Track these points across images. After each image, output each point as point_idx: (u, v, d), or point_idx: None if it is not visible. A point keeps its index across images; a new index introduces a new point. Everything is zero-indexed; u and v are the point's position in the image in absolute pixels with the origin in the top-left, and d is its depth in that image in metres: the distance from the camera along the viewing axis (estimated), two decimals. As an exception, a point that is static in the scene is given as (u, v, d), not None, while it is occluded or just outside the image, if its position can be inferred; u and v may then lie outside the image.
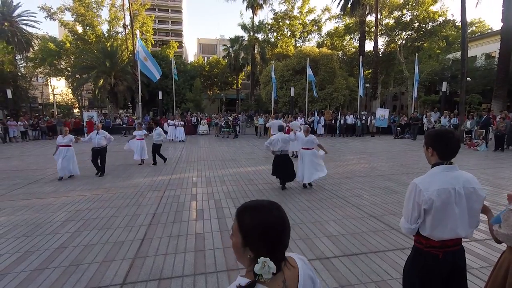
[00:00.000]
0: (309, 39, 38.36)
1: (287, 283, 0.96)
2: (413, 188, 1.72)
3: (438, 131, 1.79)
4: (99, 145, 8.24)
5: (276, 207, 0.99)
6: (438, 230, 1.67)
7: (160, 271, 3.25)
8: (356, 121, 19.21)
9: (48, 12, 33.17)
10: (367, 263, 3.33)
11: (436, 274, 1.73)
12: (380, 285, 2.89)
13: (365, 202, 5.61)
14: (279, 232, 0.95)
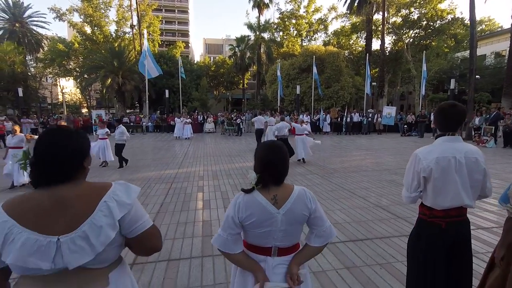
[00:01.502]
0: (315, 38, 38.32)
1: (278, 197, 1.36)
2: (413, 157, 1.77)
3: (441, 104, 1.83)
4: None
5: (277, 149, 1.40)
6: (439, 198, 1.71)
7: (168, 254, 3.32)
8: (363, 119, 19.13)
9: (58, 13, 33.73)
10: (373, 247, 3.36)
11: (439, 245, 1.76)
12: (386, 267, 2.92)
13: (371, 193, 5.62)
14: (272, 165, 1.36)
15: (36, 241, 0.94)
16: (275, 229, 1.34)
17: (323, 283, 2.68)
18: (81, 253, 0.97)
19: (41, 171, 1.03)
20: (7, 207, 0.98)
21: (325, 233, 1.41)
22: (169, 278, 2.81)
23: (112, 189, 1.07)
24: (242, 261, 1.39)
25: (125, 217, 1.05)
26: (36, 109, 37.07)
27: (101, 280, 1.05)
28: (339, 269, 2.91)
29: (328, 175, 7.28)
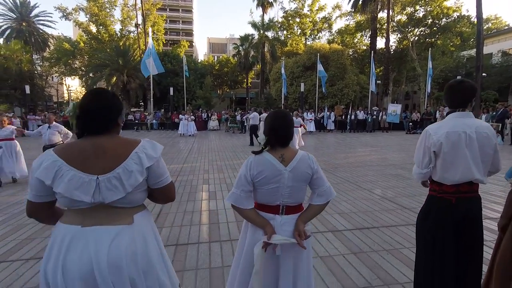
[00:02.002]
0: (319, 37, 38.16)
1: (284, 156, 1.54)
2: (423, 134, 1.79)
3: (449, 81, 1.84)
4: (50, 142, 6.24)
5: (282, 116, 1.61)
6: (450, 173, 1.71)
7: (176, 239, 3.36)
8: (367, 117, 19.05)
9: (64, 12, 34.02)
10: (379, 235, 3.36)
11: (448, 220, 1.76)
12: (392, 253, 2.92)
13: (377, 186, 5.61)
14: (280, 129, 1.57)
15: (80, 178, 1.16)
16: (283, 185, 1.51)
17: (330, 267, 2.69)
18: (115, 191, 1.19)
19: (85, 123, 1.25)
20: (57, 150, 1.21)
21: (326, 192, 1.58)
22: (178, 261, 2.85)
23: (142, 144, 1.29)
24: (253, 217, 1.55)
25: (151, 167, 1.27)
26: (42, 107, 37.45)
27: (127, 218, 1.25)
28: (346, 254, 2.92)
29: (333, 169, 7.28)
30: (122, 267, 1.16)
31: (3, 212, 4.44)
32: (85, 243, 1.15)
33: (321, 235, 3.38)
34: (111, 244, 1.16)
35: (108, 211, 1.22)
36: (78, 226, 1.18)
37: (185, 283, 2.50)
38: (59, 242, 1.17)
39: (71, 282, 1.12)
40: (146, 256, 1.24)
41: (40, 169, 1.16)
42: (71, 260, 1.13)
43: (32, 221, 3.99)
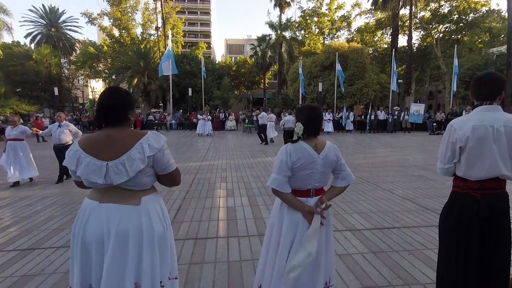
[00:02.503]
0: (337, 36, 37.60)
1: (317, 145, 1.73)
2: (448, 128, 1.73)
3: (477, 74, 1.78)
4: (60, 141, 6.19)
5: (317, 109, 1.82)
6: (475, 168, 1.65)
7: (195, 233, 3.44)
8: (388, 117, 18.56)
9: (89, 17, 35.48)
10: (400, 235, 3.29)
11: (474, 218, 1.70)
12: (414, 253, 2.85)
13: (398, 187, 5.47)
14: (314, 120, 1.75)
15: (94, 164, 1.40)
16: (316, 171, 1.71)
17: (348, 265, 2.66)
18: (120, 175, 1.40)
19: (100, 116, 1.48)
20: (79, 142, 1.48)
21: (347, 176, 1.81)
22: (197, 254, 2.92)
23: (147, 136, 1.48)
24: (293, 199, 1.71)
25: (156, 156, 1.46)
26: (69, 108, 39.25)
27: (134, 199, 1.46)
28: (365, 253, 2.88)
29: (352, 169, 7.05)
30: (128, 240, 1.40)
31: (35, 204, 4.71)
32: (99, 216, 1.42)
33: (340, 233, 3.35)
34: (120, 219, 1.40)
35: (120, 192, 1.45)
36: (96, 202, 1.45)
37: (204, 275, 2.56)
38: (83, 212, 1.46)
39: (88, 242, 1.41)
40: (150, 234, 1.44)
41: (67, 158, 1.46)
42: (89, 227, 1.41)
43: (61, 213, 4.24)
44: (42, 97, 33.45)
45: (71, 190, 5.57)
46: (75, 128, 6.53)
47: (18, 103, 27.24)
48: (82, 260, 1.41)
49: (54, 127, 6.26)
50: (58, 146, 6.26)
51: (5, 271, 2.65)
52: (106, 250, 1.38)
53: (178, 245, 3.07)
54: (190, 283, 2.43)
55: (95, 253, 1.40)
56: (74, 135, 6.43)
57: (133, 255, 1.40)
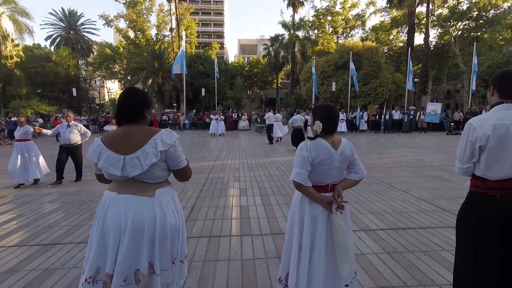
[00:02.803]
0: (351, 35, 37.09)
1: (334, 142, 1.81)
2: (467, 127, 1.69)
3: (503, 69, 1.73)
4: (69, 141, 6.16)
5: (334, 107, 1.90)
6: (496, 168, 1.61)
7: (209, 231, 3.49)
8: (403, 117, 18.17)
9: (106, 19, 36.41)
10: (416, 236, 3.23)
11: (493, 219, 1.66)
12: (430, 254, 2.80)
13: (413, 187, 5.37)
14: (332, 118, 1.83)
15: (113, 158, 1.55)
16: (334, 167, 1.79)
17: (363, 265, 2.65)
18: (135, 168, 1.52)
19: (119, 114, 1.63)
20: (101, 137, 1.63)
21: (360, 170, 1.91)
22: (211, 251, 2.96)
23: (160, 132, 1.60)
24: (314, 193, 1.78)
25: (168, 152, 1.58)
26: (86, 108, 40.44)
27: (149, 191, 1.59)
28: (380, 253, 2.85)
29: (366, 169, 7.00)
30: (143, 228, 1.52)
31: (56, 202, 4.89)
32: (118, 206, 1.55)
33: (353, 233, 3.33)
34: (136, 209, 1.54)
35: (136, 184, 1.58)
36: (115, 193, 1.59)
37: (218, 272, 2.60)
38: (103, 203, 1.61)
39: (107, 230, 1.54)
40: (162, 225, 1.56)
41: (90, 152, 1.61)
42: (108, 216, 1.55)
43: (81, 209, 4.39)
44: (61, 98, 34.61)
45: (89, 189, 5.75)
46: (84, 128, 6.45)
47: (38, 104, 28.27)
48: (100, 245, 1.54)
49: (63, 127, 6.19)
50: (66, 146, 6.17)
51: (29, 265, 2.78)
52: (123, 237, 1.51)
53: (192, 243, 3.14)
54: (205, 280, 2.48)
55: (113, 239, 1.52)
56: (83, 135, 6.38)
57: (147, 242, 1.53)
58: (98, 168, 1.59)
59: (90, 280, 1.51)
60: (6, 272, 2.64)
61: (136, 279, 1.51)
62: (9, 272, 2.65)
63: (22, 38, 30.50)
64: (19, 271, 2.66)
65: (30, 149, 6.14)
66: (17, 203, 4.86)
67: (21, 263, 2.80)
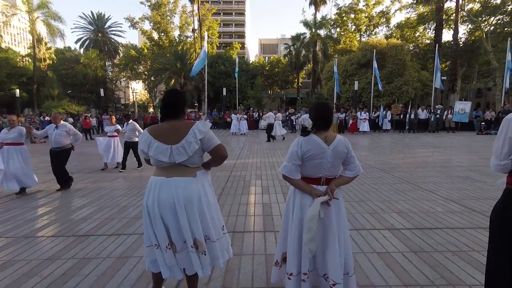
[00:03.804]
0: (375, 32, 36.12)
1: (327, 138, 1.90)
2: (505, 122, 1.65)
3: None
4: (57, 144, 5.48)
5: (326, 105, 2.00)
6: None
7: (233, 227, 3.58)
8: (430, 116, 17.49)
9: (132, 22, 37.74)
10: (443, 236, 3.15)
11: (529, 217, 1.62)
12: (459, 255, 2.73)
13: (440, 188, 5.20)
14: (322, 116, 1.93)
15: (162, 147, 1.86)
16: (326, 161, 1.89)
17: (388, 263, 2.62)
18: (181, 155, 1.85)
19: (165, 111, 1.95)
20: (149, 130, 1.95)
21: (356, 168, 1.96)
22: (236, 246, 3.04)
23: (197, 124, 1.92)
24: (302, 184, 1.93)
25: (203, 138, 1.89)
26: (112, 108, 42.13)
27: (192, 173, 1.93)
28: (405, 252, 2.81)
29: (390, 169, 6.91)
30: (192, 202, 1.85)
31: (87, 196, 5.18)
32: (169, 187, 1.86)
33: (378, 232, 3.30)
34: (185, 188, 1.86)
35: (180, 168, 1.90)
36: (164, 177, 1.89)
37: (243, 265, 2.67)
38: (153, 187, 1.89)
39: (163, 210, 1.85)
40: (206, 197, 1.92)
41: (141, 142, 1.93)
42: (162, 197, 1.85)
43: (112, 204, 4.63)
44: (89, 98, 36.28)
45: (118, 185, 6.03)
46: (74, 129, 5.73)
47: (69, 104, 29.82)
48: (158, 220, 1.85)
49: (51, 129, 5.54)
50: (54, 150, 5.49)
51: (66, 254, 2.98)
52: (179, 211, 1.83)
53: (217, 236, 3.23)
54: (230, 273, 2.56)
55: (170, 215, 1.85)
56: (73, 136, 5.65)
57: (199, 214, 1.87)
58: (147, 154, 1.92)
59: (169, 246, 1.88)
60: (47, 260, 2.85)
61: (195, 245, 1.86)
62: (50, 259, 2.86)
63: (54, 41, 32.31)
64: (58, 259, 2.86)
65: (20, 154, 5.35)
66: (52, 198, 5.19)
67: (60, 252, 3.01)
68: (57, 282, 2.45)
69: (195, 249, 1.87)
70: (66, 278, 2.51)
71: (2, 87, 28.98)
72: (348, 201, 4.45)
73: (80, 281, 2.45)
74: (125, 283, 2.39)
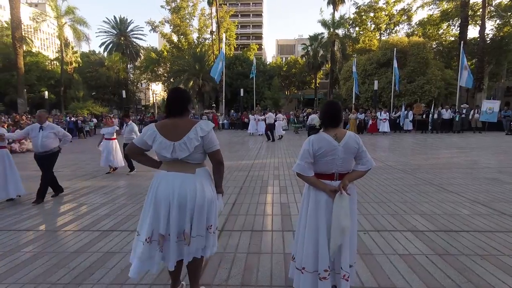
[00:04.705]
0: (396, 31, 35.12)
1: (337, 135, 1.98)
2: None
3: None
4: (44, 148, 4.78)
5: (335, 104, 2.10)
6: None
7: (252, 226, 3.59)
8: (455, 116, 16.79)
9: (152, 25, 38.76)
10: (470, 239, 3.02)
11: None
12: (488, 259, 2.60)
13: (466, 190, 4.98)
14: (333, 115, 2.04)
15: (165, 143, 1.91)
16: (337, 157, 1.97)
17: (410, 265, 2.55)
18: (183, 151, 1.91)
19: (169, 109, 2.00)
20: (155, 125, 1.98)
21: (367, 161, 2.02)
22: (254, 244, 3.06)
23: (199, 122, 1.98)
24: (315, 181, 2.01)
25: (205, 137, 1.93)
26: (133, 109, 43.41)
27: (191, 169, 1.96)
28: (429, 254, 2.72)
29: (412, 170, 6.70)
30: (186, 197, 1.88)
31: (109, 194, 5.35)
32: (167, 181, 1.92)
33: (399, 233, 3.21)
34: (181, 183, 1.90)
35: (181, 164, 1.95)
36: (165, 171, 1.97)
37: (262, 264, 2.68)
38: (156, 179, 1.98)
39: (159, 200, 1.90)
40: (201, 195, 1.92)
41: (146, 135, 1.95)
42: (160, 190, 1.91)
43: (132, 201, 4.76)
44: (112, 99, 37.56)
45: (139, 183, 6.20)
46: (62, 130, 5.11)
47: (93, 105, 30.99)
48: (154, 212, 1.91)
49: (35, 131, 4.79)
50: (41, 155, 4.80)
51: (92, 247, 3.10)
52: (172, 204, 1.88)
53: (235, 236, 3.27)
54: (249, 271, 2.57)
55: (163, 207, 1.89)
56: (62, 137, 5.02)
57: (189, 209, 1.89)
58: (146, 144, 1.96)
59: (149, 240, 1.90)
60: (74, 253, 2.98)
61: (183, 237, 1.91)
62: (76, 252, 2.98)
63: (80, 45, 33.76)
64: (84, 252, 2.99)
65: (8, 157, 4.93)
66: (78, 194, 5.41)
67: (86, 246, 3.14)
68: (84, 274, 2.56)
69: (181, 239, 1.92)
70: (92, 270, 2.62)
71: (33, 90, 30.53)
72: (368, 202, 4.36)
73: (105, 274, 2.55)
74: (147, 277, 2.46)
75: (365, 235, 3.19)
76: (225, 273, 2.52)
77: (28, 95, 27.49)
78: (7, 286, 2.40)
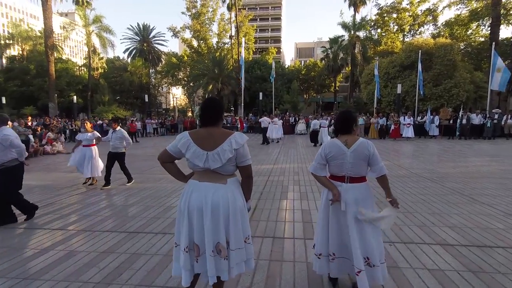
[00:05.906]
0: (420, 32, 34.02)
1: (347, 141, 2.22)
2: None
3: None
4: None
5: (346, 113, 2.36)
6: None
7: (273, 232, 3.58)
8: (486, 121, 15.97)
9: (174, 31, 39.80)
10: (507, 256, 2.85)
11: None
12: (527, 278, 2.45)
13: (500, 202, 4.71)
14: (340, 122, 2.34)
15: (199, 152, 1.92)
16: (346, 161, 2.19)
17: (441, 281, 2.44)
18: (216, 162, 1.90)
19: (203, 118, 2.01)
20: (189, 133, 1.98)
21: (378, 169, 2.21)
22: (276, 251, 3.04)
23: (234, 134, 1.97)
24: (326, 181, 2.30)
25: (239, 150, 1.93)
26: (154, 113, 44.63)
27: (223, 180, 1.96)
28: (462, 271, 2.59)
29: (439, 179, 6.43)
30: (219, 207, 1.88)
31: (135, 196, 5.51)
32: (199, 191, 1.93)
33: (428, 246, 3.08)
34: (213, 193, 1.91)
35: (213, 174, 1.95)
36: (196, 181, 1.98)
37: (285, 272, 2.66)
38: (188, 189, 1.99)
39: (192, 210, 1.91)
40: (233, 205, 1.92)
41: (180, 143, 1.95)
42: (192, 199, 1.92)
43: (155, 204, 4.88)
44: (135, 103, 38.80)
45: (162, 186, 6.34)
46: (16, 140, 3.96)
47: (117, 109, 32.13)
48: (189, 223, 1.93)
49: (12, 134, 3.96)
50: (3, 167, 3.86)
51: (120, 248, 3.21)
52: (205, 215, 1.88)
53: (257, 242, 3.26)
54: (272, 278, 2.56)
55: (196, 217, 1.91)
56: (16, 150, 3.96)
57: (223, 219, 1.89)
58: (179, 153, 1.96)
59: (187, 249, 1.92)
60: (104, 252, 3.09)
61: (218, 249, 1.88)
62: (105, 252, 3.10)
63: (106, 51, 35.21)
64: (113, 252, 3.09)
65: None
66: (105, 195, 5.61)
67: (114, 246, 3.25)
68: (113, 274, 2.65)
69: (216, 253, 1.88)
70: (121, 270, 2.71)
71: (63, 94, 32.11)
72: (393, 211, 4.22)
73: (132, 275, 2.62)
74: (172, 280, 2.51)
75: (391, 246, 3.09)
76: (248, 280, 2.53)
77: (58, 100, 28.92)
78: (44, 283, 2.53)
